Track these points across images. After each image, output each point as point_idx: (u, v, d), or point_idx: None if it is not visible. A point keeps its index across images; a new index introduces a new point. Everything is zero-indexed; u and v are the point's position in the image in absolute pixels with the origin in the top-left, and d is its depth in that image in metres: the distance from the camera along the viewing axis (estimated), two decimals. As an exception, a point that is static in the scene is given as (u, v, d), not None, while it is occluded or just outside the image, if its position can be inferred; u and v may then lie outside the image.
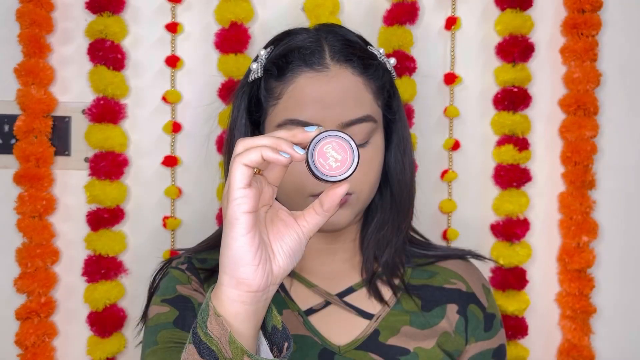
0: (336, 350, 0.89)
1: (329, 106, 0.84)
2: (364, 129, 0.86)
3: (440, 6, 1.28)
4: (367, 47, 0.92)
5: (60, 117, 1.26)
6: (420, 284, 0.95)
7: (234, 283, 0.63)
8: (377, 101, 0.89)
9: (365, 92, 0.87)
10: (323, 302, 0.92)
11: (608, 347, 1.31)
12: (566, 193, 1.27)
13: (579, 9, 1.25)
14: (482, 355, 0.95)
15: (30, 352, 1.23)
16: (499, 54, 1.26)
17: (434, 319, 0.93)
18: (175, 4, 1.26)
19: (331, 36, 0.89)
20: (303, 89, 0.85)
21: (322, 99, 0.84)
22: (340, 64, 0.86)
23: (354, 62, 0.87)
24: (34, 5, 1.22)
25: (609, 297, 1.31)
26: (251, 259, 0.62)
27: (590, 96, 1.25)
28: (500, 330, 0.98)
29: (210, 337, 0.64)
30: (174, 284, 0.93)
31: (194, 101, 1.27)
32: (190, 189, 1.28)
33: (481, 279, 0.99)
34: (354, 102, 0.86)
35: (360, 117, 0.85)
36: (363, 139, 0.86)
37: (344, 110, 0.85)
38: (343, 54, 0.87)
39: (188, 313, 0.89)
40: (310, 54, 0.86)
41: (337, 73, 0.86)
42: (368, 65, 0.88)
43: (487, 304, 0.96)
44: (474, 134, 1.29)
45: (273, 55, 0.89)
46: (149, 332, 0.89)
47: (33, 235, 1.23)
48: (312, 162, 0.63)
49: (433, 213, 1.29)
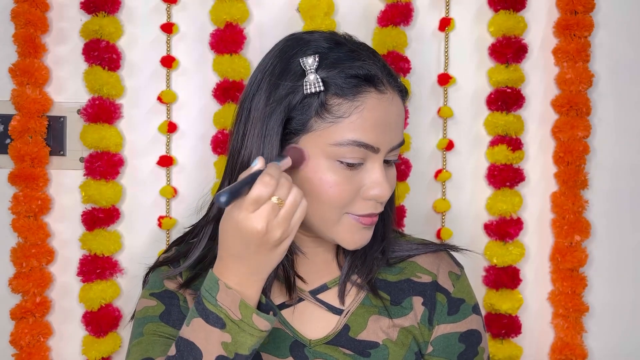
0: (307, 343, 0.92)
1: (388, 130, 0.85)
2: (398, 151, 0.89)
3: (434, 7, 1.29)
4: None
5: (55, 117, 1.26)
6: (389, 279, 0.96)
7: (256, 278, 0.78)
8: None
9: (404, 117, 0.90)
10: (296, 298, 0.94)
11: (600, 345, 1.32)
12: (559, 193, 1.28)
13: (571, 10, 1.26)
14: (446, 338, 0.94)
15: (25, 352, 1.23)
16: (493, 54, 1.27)
17: (402, 312, 0.94)
18: (171, 5, 1.26)
19: (376, 57, 0.89)
20: (372, 111, 0.84)
21: (385, 122, 0.85)
22: (393, 87, 0.87)
23: (398, 86, 0.88)
24: (29, 5, 1.22)
25: (601, 295, 1.32)
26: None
27: (582, 97, 1.26)
28: (471, 315, 0.96)
29: (220, 307, 0.77)
30: (162, 279, 0.96)
31: (189, 101, 1.28)
32: (185, 189, 1.28)
33: (449, 266, 0.98)
34: (401, 126, 0.88)
35: (402, 141, 0.89)
36: (396, 158, 0.90)
37: (396, 134, 0.87)
38: (393, 77, 0.88)
39: (173, 309, 0.92)
40: (374, 74, 0.85)
41: (393, 96, 0.87)
42: (404, 90, 0.90)
43: (454, 289, 0.96)
44: (467, 134, 1.29)
45: (333, 70, 0.84)
46: (137, 323, 0.93)
47: (28, 235, 1.23)
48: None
49: (427, 212, 1.30)
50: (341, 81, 0.83)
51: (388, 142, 0.85)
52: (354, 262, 0.95)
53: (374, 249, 0.95)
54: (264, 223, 0.74)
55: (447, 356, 0.94)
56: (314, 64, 0.83)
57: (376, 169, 0.85)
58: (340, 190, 0.84)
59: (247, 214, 0.74)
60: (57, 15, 1.26)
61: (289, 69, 0.85)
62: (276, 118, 0.84)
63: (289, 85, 0.84)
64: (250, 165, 0.78)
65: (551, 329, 1.31)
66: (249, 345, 0.78)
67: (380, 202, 0.87)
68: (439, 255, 0.99)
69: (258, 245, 0.76)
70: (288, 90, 0.84)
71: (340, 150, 0.83)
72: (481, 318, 0.98)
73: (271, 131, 0.84)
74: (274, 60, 0.88)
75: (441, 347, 0.94)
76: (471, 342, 0.95)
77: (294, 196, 0.76)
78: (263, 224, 0.74)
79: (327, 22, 1.22)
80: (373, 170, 0.85)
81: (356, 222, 0.86)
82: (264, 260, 0.77)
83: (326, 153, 0.83)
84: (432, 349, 0.94)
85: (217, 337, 0.77)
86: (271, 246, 0.76)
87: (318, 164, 0.84)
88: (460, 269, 0.99)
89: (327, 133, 0.83)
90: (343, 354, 0.91)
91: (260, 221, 0.74)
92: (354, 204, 0.85)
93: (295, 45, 0.88)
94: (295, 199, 0.76)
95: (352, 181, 0.84)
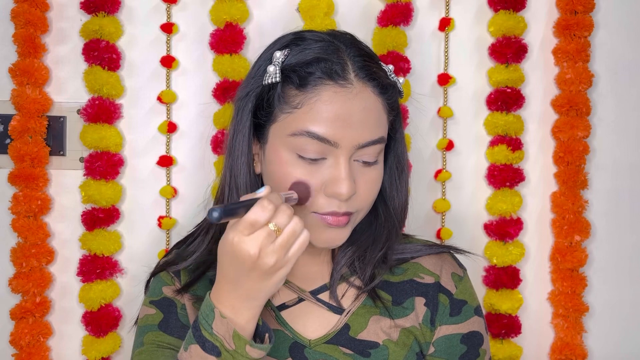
0: (306, 343, 0.91)
1: (351, 125, 0.83)
2: (376, 149, 0.86)
3: (434, 7, 1.29)
4: (381, 64, 0.90)
5: (55, 117, 1.26)
6: (391, 280, 0.96)
7: (250, 305, 0.78)
8: (388, 121, 0.89)
9: (382, 113, 0.87)
10: (296, 298, 0.94)
11: (600, 345, 1.32)
12: (559, 193, 1.28)
13: (571, 10, 1.26)
14: (447, 339, 0.94)
15: (25, 352, 1.23)
16: (493, 54, 1.27)
17: (403, 312, 0.94)
18: (171, 5, 1.26)
19: (351, 50, 0.87)
20: (326, 103, 0.83)
21: (345, 117, 0.83)
22: (364, 82, 0.85)
23: (373, 80, 0.86)
24: (29, 5, 1.22)
25: (601, 295, 1.32)
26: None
27: (582, 97, 1.26)
28: (473, 317, 0.96)
29: (215, 336, 0.77)
30: (160, 286, 0.96)
31: (189, 101, 1.28)
32: (185, 189, 1.28)
33: (452, 267, 0.98)
34: (373, 123, 0.85)
35: (376, 139, 0.85)
36: (372, 159, 0.87)
37: (364, 131, 0.84)
38: (366, 71, 0.85)
39: (171, 317, 0.92)
40: (334, 67, 0.84)
41: (360, 91, 0.84)
42: (387, 85, 0.87)
43: (456, 290, 0.96)
44: (467, 134, 1.30)
45: (293, 62, 0.86)
46: (138, 332, 0.94)
47: (28, 235, 1.23)
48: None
49: (427, 212, 1.30)
50: (299, 72, 0.85)
51: (350, 137, 0.83)
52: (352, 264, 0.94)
53: (374, 254, 0.94)
54: (257, 248, 0.74)
55: (448, 357, 0.94)
56: (280, 57, 0.86)
57: (338, 165, 0.83)
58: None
59: (241, 236, 0.74)
60: (57, 15, 1.26)
61: (266, 63, 0.89)
62: (247, 109, 0.88)
63: (259, 77, 0.88)
64: (256, 192, 0.78)
65: (551, 329, 1.31)
66: None
67: (344, 201, 0.85)
68: (442, 256, 0.99)
69: (250, 269, 0.75)
70: (258, 82, 0.88)
71: (297, 141, 0.83)
72: (483, 320, 0.98)
73: (243, 124, 0.88)
74: (261, 56, 0.91)
75: (443, 348, 0.94)
76: (473, 343, 0.95)
77: (292, 226, 0.76)
78: (256, 248, 0.74)
79: (326, 22, 1.22)
80: (335, 166, 0.84)
81: (320, 220, 0.85)
82: (257, 287, 0.77)
83: (286, 145, 0.84)
84: (433, 349, 0.94)
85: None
86: (264, 273, 0.75)
87: (281, 156, 0.84)
88: (463, 271, 0.99)
89: (285, 124, 0.84)
90: (343, 354, 0.91)
91: (253, 245, 0.74)
92: (317, 200, 0.84)
93: (278, 41, 0.91)
94: (295, 230, 0.76)
95: (313, 176, 0.83)
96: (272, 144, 0.86)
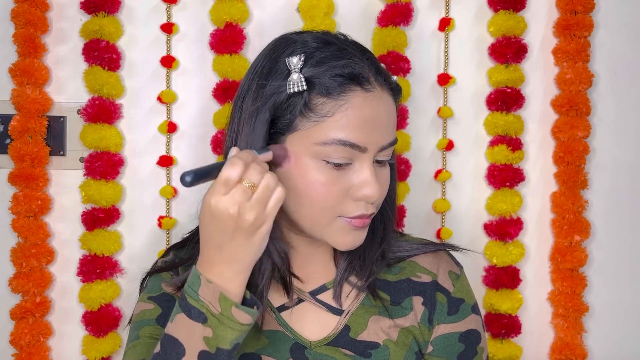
0: (307, 344, 0.91)
1: (376, 128, 0.84)
2: (391, 150, 0.87)
3: (434, 7, 1.29)
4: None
5: (55, 117, 1.26)
6: (389, 279, 0.96)
7: (236, 269, 0.78)
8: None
9: (395, 116, 0.88)
10: (296, 299, 0.94)
11: (600, 345, 1.32)
12: (559, 193, 1.28)
13: (571, 10, 1.26)
14: (445, 338, 0.94)
15: (25, 352, 1.23)
16: (492, 54, 1.27)
17: (402, 312, 0.94)
18: (171, 5, 1.26)
19: (360, 53, 0.87)
20: (357, 109, 0.82)
21: (373, 121, 0.83)
22: (382, 86, 0.85)
23: (388, 84, 0.87)
24: (29, 5, 1.22)
25: (601, 295, 1.32)
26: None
27: (582, 97, 1.26)
28: (470, 315, 0.96)
29: (201, 302, 0.77)
30: (159, 282, 0.96)
31: (189, 101, 1.28)
32: (185, 189, 1.28)
33: (449, 266, 0.98)
34: (392, 125, 0.87)
35: (393, 140, 0.87)
36: (388, 158, 0.88)
37: (387, 133, 0.85)
38: (382, 75, 0.86)
39: (170, 312, 0.90)
40: (359, 72, 0.84)
41: (380, 95, 0.85)
42: (395, 88, 0.88)
43: (454, 288, 0.96)
44: (467, 134, 1.30)
45: (315, 68, 0.83)
46: (134, 327, 0.93)
47: (28, 235, 1.23)
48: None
49: (427, 212, 1.30)
50: (325, 80, 0.83)
51: (376, 141, 0.84)
52: (352, 263, 0.94)
53: (373, 251, 0.94)
54: (235, 205, 0.75)
55: (446, 356, 0.94)
56: (298, 63, 0.83)
57: (365, 168, 0.84)
58: (328, 191, 0.83)
59: (218, 196, 0.75)
60: (57, 15, 1.26)
61: (275, 69, 0.85)
62: (262, 117, 0.84)
63: (275, 85, 0.84)
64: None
65: (551, 329, 1.31)
66: (230, 340, 0.78)
67: (371, 203, 0.86)
68: (438, 254, 0.99)
69: (233, 230, 0.76)
70: (273, 89, 0.84)
71: (326, 149, 0.82)
72: (480, 318, 0.98)
73: (257, 130, 0.85)
74: (263, 61, 0.88)
75: (441, 346, 0.94)
76: (471, 341, 0.95)
77: (266, 181, 0.76)
78: (235, 206, 0.75)
79: (326, 22, 1.22)
80: (362, 170, 0.84)
81: (347, 224, 0.85)
82: (242, 248, 0.77)
83: (312, 153, 0.83)
84: (432, 348, 0.94)
85: (199, 332, 0.77)
86: (246, 231, 0.76)
87: (305, 164, 0.83)
88: (460, 269, 0.99)
89: (311, 132, 0.83)
90: (344, 355, 0.91)
91: (231, 203, 0.75)
92: (343, 205, 0.84)
93: (283, 45, 0.88)
94: (269, 184, 0.76)
95: (339, 181, 0.83)
96: (292, 153, 0.84)
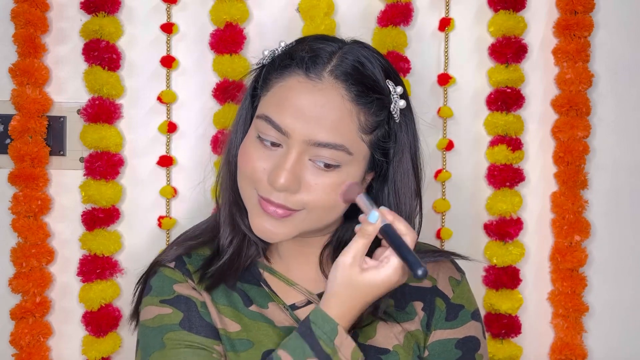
0: None
1: (305, 119, 0.81)
2: (333, 155, 0.82)
3: (434, 7, 1.29)
4: (383, 79, 0.86)
5: (55, 117, 1.26)
6: None
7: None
8: (362, 135, 0.84)
9: (350, 121, 0.83)
10: (305, 300, 0.93)
11: (600, 345, 1.32)
12: (559, 193, 1.28)
13: (571, 11, 1.26)
14: (441, 344, 0.93)
15: (25, 352, 1.23)
16: (492, 54, 1.27)
17: (407, 316, 0.93)
18: (171, 5, 1.26)
19: (350, 53, 0.85)
20: (288, 90, 0.84)
21: (300, 108, 0.81)
22: (336, 80, 0.83)
23: (350, 84, 0.83)
24: (29, 5, 1.22)
25: (601, 295, 1.32)
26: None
27: (582, 97, 1.26)
28: (469, 321, 0.95)
29: (335, 350, 0.81)
30: (170, 284, 0.92)
31: (189, 101, 1.28)
32: (185, 189, 1.28)
33: (450, 271, 0.98)
34: (331, 125, 0.82)
35: (331, 143, 0.82)
36: (332, 162, 0.83)
37: (319, 129, 0.81)
38: (343, 71, 0.83)
39: (192, 314, 0.89)
40: (311, 60, 0.84)
41: (327, 87, 0.82)
42: (365, 94, 0.84)
43: (453, 294, 0.95)
44: (467, 134, 1.30)
45: (286, 49, 0.89)
46: (152, 333, 0.88)
47: (28, 235, 1.23)
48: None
49: (427, 212, 1.29)
50: (279, 59, 0.87)
51: (302, 131, 0.81)
52: None
53: None
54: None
55: None
56: (277, 48, 0.90)
57: (287, 155, 0.82)
58: (252, 165, 0.84)
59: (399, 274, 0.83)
60: (57, 15, 1.26)
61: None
62: (246, 103, 0.92)
63: (253, 77, 0.92)
64: (368, 218, 0.81)
65: (551, 329, 1.31)
66: None
67: (281, 192, 0.82)
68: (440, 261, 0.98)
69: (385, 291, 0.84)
70: (252, 79, 0.92)
71: (257, 123, 0.85)
72: (481, 325, 0.97)
73: (243, 110, 0.92)
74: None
75: (437, 352, 0.93)
76: (468, 348, 0.94)
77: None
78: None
79: (326, 22, 1.22)
80: (284, 155, 0.83)
81: (257, 202, 0.85)
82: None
83: (253, 125, 0.87)
84: (428, 353, 0.93)
85: None
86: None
87: (249, 135, 0.87)
88: (461, 275, 0.98)
89: (259, 105, 0.88)
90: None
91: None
92: (261, 183, 0.84)
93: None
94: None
95: (267, 161, 0.84)
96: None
